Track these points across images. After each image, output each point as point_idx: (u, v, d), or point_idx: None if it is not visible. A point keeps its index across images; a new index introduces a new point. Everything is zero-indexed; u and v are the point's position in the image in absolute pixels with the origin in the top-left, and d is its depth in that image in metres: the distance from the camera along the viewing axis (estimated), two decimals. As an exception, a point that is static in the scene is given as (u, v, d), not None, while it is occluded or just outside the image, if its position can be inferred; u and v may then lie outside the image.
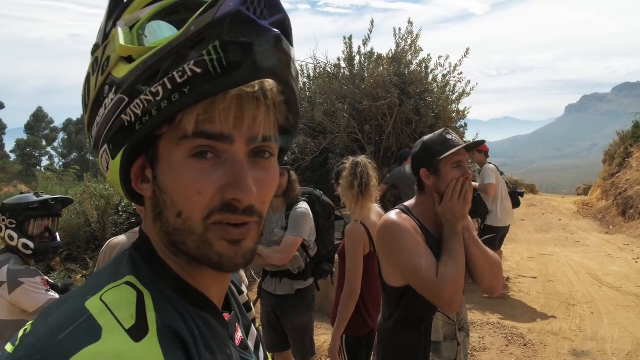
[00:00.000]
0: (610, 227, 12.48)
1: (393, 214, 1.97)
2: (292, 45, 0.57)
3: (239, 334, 0.73)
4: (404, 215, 1.95)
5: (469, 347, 2.09)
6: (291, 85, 0.58)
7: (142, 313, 0.55)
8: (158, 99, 0.53)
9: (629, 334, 5.12)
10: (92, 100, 0.61)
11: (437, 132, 2.00)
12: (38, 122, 52.25)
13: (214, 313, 0.65)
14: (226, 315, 0.70)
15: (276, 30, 0.54)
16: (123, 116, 0.56)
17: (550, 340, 5.07)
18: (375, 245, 2.44)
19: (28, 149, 47.81)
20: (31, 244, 2.49)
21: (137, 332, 0.52)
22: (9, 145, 51.91)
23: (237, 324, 0.73)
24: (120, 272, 0.60)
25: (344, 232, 2.83)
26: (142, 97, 0.54)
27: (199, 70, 0.51)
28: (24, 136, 50.84)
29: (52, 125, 52.86)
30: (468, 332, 2.05)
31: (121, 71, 0.56)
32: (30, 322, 0.56)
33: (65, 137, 51.30)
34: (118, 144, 0.59)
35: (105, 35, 0.60)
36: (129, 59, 0.56)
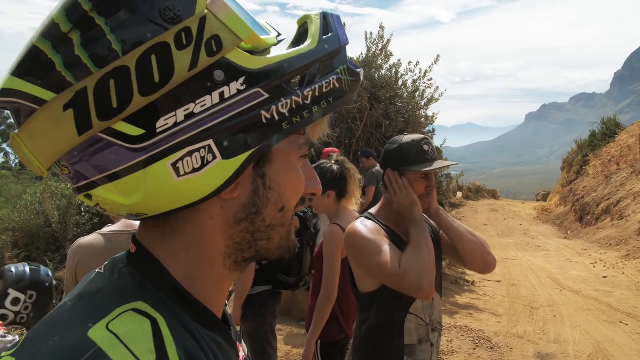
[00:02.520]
0: (569, 232, 12.91)
1: (357, 222, 1.96)
2: None
3: (242, 353, 0.69)
4: (367, 222, 1.95)
5: (440, 345, 2.10)
6: None
7: (161, 346, 0.48)
8: (307, 102, 0.55)
9: (589, 337, 5.29)
10: (180, 82, 0.48)
11: (416, 139, 1.97)
12: (-7, 117, 50.26)
13: (223, 333, 0.61)
14: None
15: (360, 67, 0.63)
16: (264, 112, 0.52)
17: (516, 343, 5.18)
18: None
19: (-19, 146, 45.89)
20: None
21: None
22: (-39, 141, 49.71)
23: (237, 342, 0.69)
24: (124, 293, 0.53)
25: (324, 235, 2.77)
26: (293, 97, 0.54)
27: (337, 85, 0.58)
28: (-22, 132, 48.80)
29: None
30: (441, 332, 2.07)
31: (250, 62, 0.51)
32: (10, 350, 0.47)
33: (22, 133, 49.43)
34: (244, 142, 0.52)
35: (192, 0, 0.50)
36: (240, 47, 0.52)
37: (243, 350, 0.75)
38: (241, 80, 0.51)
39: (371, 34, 8.81)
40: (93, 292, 0.54)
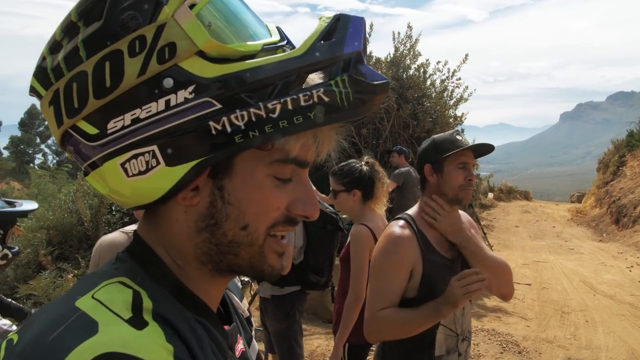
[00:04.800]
0: (604, 235, 12.52)
1: (397, 228, 1.91)
2: None
3: (240, 346, 0.69)
4: (407, 232, 1.90)
5: (470, 353, 2.07)
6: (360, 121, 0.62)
7: (138, 306, 0.51)
8: (273, 116, 0.50)
9: (623, 343, 5.11)
10: (128, 89, 0.51)
11: (447, 132, 2.01)
12: (32, 119, 52.00)
13: (214, 322, 0.62)
14: (226, 327, 0.67)
15: (386, 78, 0.55)
16: (212, 123, 0.50)
17: (545, 348, 5.05)
18: None
19: (22, 146, 47.56)
20: (9, 254, 2.34)
21: (137, 322, 0.49)
22: (3, 141, 51.62)
23: (238, 335, 0.70)
24: (113, 274, 0.56)
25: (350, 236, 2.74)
26: (252, 110, 0.50)
27: (326, 99, 0.51)
28: (18, 133, 50.54)
29: (46, 123, 52.58)
30: (470, 340, 2.04)
31: (205, 70, 0.50)
32: (14, 331, 0.52)
33: (59, 134, 50.98)
34: (189, 151, 0.51)
35: (154, 9, 0.51)
36: (203, 54, 0.51)
37: (252, 347, 0.76)
38: (190, 88, 0.50)
39: (399, 33, 8.76)
40: (89, 275, 0.58)
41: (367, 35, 0.62)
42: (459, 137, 1.94)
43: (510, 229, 13.08)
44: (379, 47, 9.16)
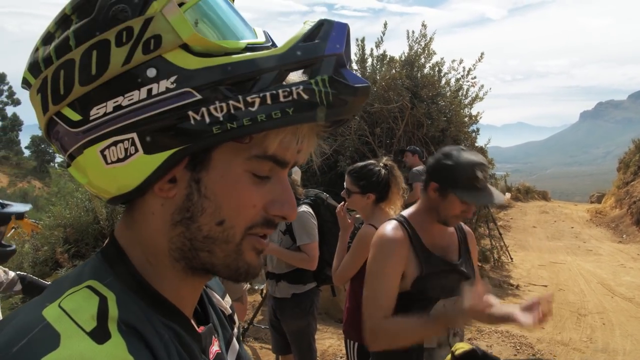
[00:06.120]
0: (624, 236, 12.29)
1: (389, 228, 1.92)
2: None
3: (215, 348, 0.69)
4: (399, 233, 1.90)
5: None
6: (344, 125, 0.63)
7: (104, 315, 0.51)
8: (252, 109, 0.51)
9: (641, 347, 5.02)
10: (113, 76, 0.52)
11: (472, 162, 1.83)
12: (53, 119, 52.70)
13: (185, 325, 0.61)
14: (201, 328, 0.67)
15: (367, 81, 0.56)
16: (192, 113, 0.51)
17: (560, 350, 4.98)
18: None
19: (42, 146, 48.33)
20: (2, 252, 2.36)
21: (100, 334, 0.49)
22: (25, 141, 52.63)
23: (214, 337, 0.69)
24: (82, 277, 0.56)
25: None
26: (231, 102, 0.51)
27: (305, 97, 0.52)
28: (39, 132, 51.39)
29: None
30: (462, 336, 2.03)
31: (188, 62, 0.52)
32: None
33: (79, 134, 51.73)
34: (167, 140, 0.53)
35: (143, 3, 0.53)
36: (188, 48, 0.52)
37: (232, 347, 0.76)
38: (172, 78, 0.52)
39: (413, 32, 8.70)
40: (63, 278, 0.59)
41: (359, 49, 0.62)
42: (479, 175, 1.81)
43: (527, 229, 12.92)
44: (395, 46, 9.11)
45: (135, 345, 0.51)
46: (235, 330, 0.81)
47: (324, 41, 0.53)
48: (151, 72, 0.52)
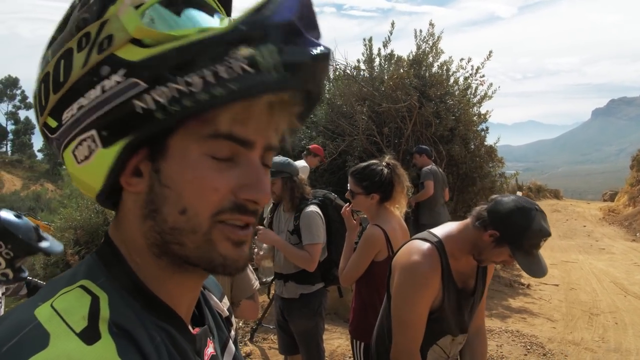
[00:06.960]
0: (637, 234, 12.14)
1: (425, 254, 1.83)
2: None
3: (210, 350, 0.68)
4: (435, 262, 1.83)
5: None
6: (318, 101, 0.59)
7: (95, 315, 0.52)
8: (194, 90, 0.50)
9: (654, 346, 4.95)
10: (75, 80, 0.55)
11: (544, 230, 1.76)
12: (65, 122, 53.23)
13: (179, 326, 0.61)
14: (196, 330, 0.66)
15: (327, 47, 0.53)
16: (136, 101, 0.51)
17: (571, 350, 4.92)
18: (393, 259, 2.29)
19: (55, 149, 48.80)
20: (11, 276, 2.19)
21: (90, 335, 0.49)
22: (38, 144, 53.19)
23: (209, 339, 0.69)
24: (77, 277, 0.57)
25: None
26: (171, 85, 0.51)
27: (251, 70, 0.50)
28: (52, 136, 51.75)
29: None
30: None
31: (135, 54, 0.52)
32: None
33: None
34: (120, 131, 0.54)
35: (101, 9, 0.55)
36: (139, 43, 0.53)
37: (228, 349, 0.75)
38: (121, 72, 0.53)
39: (420, 31, 8.65)
40: (57, 278, 0.60)
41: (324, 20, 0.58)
42: (541, 244, 1.78)
43: (538, 228, 12.79)
44: (403, 46, 9.06)
45: (125, 347, 0.51)
46: (233, 332, 0.81)
47: (272, 11, 0.51)
48: (105, 70, 0.54)
